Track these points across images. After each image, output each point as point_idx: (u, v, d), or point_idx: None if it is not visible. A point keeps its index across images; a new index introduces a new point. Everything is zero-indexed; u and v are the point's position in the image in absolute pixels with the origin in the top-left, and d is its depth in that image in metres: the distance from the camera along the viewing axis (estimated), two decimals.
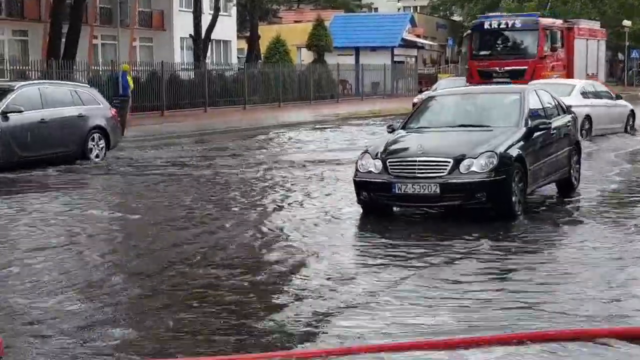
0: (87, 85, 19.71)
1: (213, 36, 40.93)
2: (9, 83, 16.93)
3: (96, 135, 16.77)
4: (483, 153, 9.60)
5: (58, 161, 15.79)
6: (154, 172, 15.39)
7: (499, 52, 28.85)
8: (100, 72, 31.14)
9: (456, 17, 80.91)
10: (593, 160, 15.85)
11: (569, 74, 29.09)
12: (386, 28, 57.91)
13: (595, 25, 36.74)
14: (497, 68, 27.67)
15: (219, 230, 9.53)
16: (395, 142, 10.57)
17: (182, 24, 43.64)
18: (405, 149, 10.24)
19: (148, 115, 29.61)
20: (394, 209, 10.43)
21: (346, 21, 59.51)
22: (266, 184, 13.54)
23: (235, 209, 11.12)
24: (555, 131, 11.16)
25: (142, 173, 15.37)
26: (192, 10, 39.59)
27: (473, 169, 9.52)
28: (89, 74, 30.37)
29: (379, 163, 9.96)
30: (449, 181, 9.52)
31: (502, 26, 28.92)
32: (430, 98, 12.04)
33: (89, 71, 30.99)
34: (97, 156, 16.71)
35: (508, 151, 9.82)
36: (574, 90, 19.79)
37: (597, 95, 20.95)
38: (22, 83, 16.83)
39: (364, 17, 67.79)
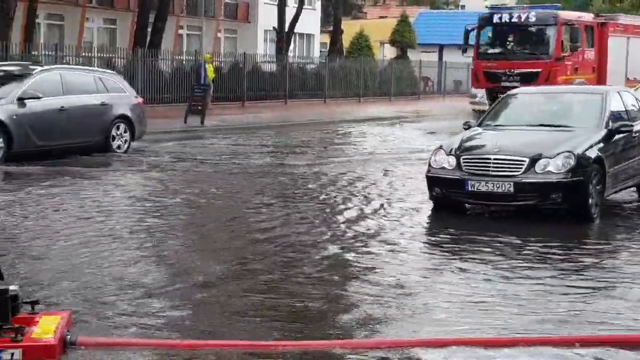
0: (112, 71, 18.75)
1: (296, 29, 41.13)
2: (29, 67, 15.84)
3: (121, 125, 15.85)
4: (560, 153, 9.41)
5: (78, 152, 14.94)
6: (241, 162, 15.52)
7: (510, 51, 24.09)
8: (184, 62, 31.58)
9: None
10: None
11: (600, 78, 24.65)
12: None
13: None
14: (507, 70, 23.19)
15: (302, 217, 9.59)
16: (470, 139, 10.44)
17: (266, 17, 44.01)
18: (481, 147, 10.10)
19: (229, 106, 29.95)
20: (467, 206, 10.29)
21: (431, 18, 59.04)
22: (348, 177, 13.54)
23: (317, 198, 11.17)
24: (637, 134, 10.84)
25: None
26: (276, 3, 39.87)
27: (549, 169, 9.34)
28: (172, 63, 30.84)
29: (452, 159, 9.86)
30: (524, 180, 9.35)
31: (514, 20, 23.74)
32: (509, 96, 11.83)
33: (173, 60, 31.47)
34: (119, 147, 15.78)
35: (586, 152, 9.59)
36: None
37: None
38: (42, 68, 15.77)
39: (450, 14, 67.11)
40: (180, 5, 41.99)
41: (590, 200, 9.48)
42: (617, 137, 10.31)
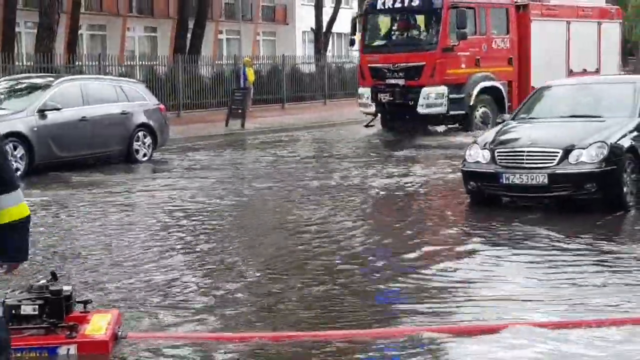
0: (133, 80, 18.58)
1: (334, 29, 41.37)
2: (49, 78, 15.86)
3: (140, 134, 15.80)
4: (593, 143, 9.51)
5: (100, 161, 15.11)
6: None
7: (394, 42, 20.24)
8: (224, 67, 32.00)
9: None
10: None
11: (522, 71, 20.54)
12: None
13: (594, 1, 24.24)
14: (390, 64, 19.45)
15: (354, 206, 9.85)
16: (504, 132, 10.61)
17: (304, 18, 44.35)
18: (514, 139, 10.26)
19: (269, 108, 30.27)
20: (503, 199, 10.45)
21: None
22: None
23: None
24: None
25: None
26: (313, 4, 40.16)
27: (582, 159, 9.45)
28: (213, 68, 31.28)
29: (487, 153, 10.03)
30: (558, 171, 9.48)
31: (397, 5, 19.68)
32: (542, 89, 11.95)
33: (213, 65, 31.91)
34: (144, 155, 15.81)
35: (620, 142, 9.68)
36: None
37: None
38: (62, 79, 15.72)
39: None
40: (219, 10, 42.54)
41: (624, 189, 9.58)
42: None
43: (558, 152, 9.54)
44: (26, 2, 32.91)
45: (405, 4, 19.52)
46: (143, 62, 30.43)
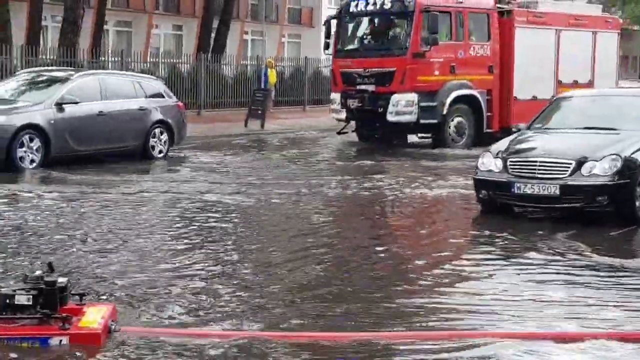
0: (152, 77, 18.58)
1: None
2: (69, 72, 15.94)
3: (157, 130, 15.81)
4: (607, 156, 9.44)
5: (116, 156, 15.06)
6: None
7: (366, 46, 19.39)
8: (247, 67, 32.07)
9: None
10: None
11: (503, 80, 19.44)
12: None
13: (589, 10, 23.23)
14: (362, 70, 18.67)
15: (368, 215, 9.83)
16: (518, 141, 10.56)
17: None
18: (527, 149, 10.21)
19: (291, 110, 30.31)
20: (515, 208, 10.37)
21: None
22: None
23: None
24: None
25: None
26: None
27: (595, 171, 9.38)
28: (236, 68, 31.36)
29: (499, 162, 9.98)
30: (570, 183, 9.42)
31: (369, 8, 18.82)
32: (559, 99, 11.87)
33: (238, 65, 31.98)
34: (160, 152, 15.85)
35: (634, 155, 9.57)
36: None
37: None
38: (81, 73, 15.79)
39: None
40: (246, 11, 42.69)
41: (637, 203, 9.47)
42: None
43: (571, 164, 9.47)
44: None
45: (378, 7, 18.67)
46: (167, 60, 30.54)
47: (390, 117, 17.99)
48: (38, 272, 5.34)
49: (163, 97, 16.41)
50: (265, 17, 27.41)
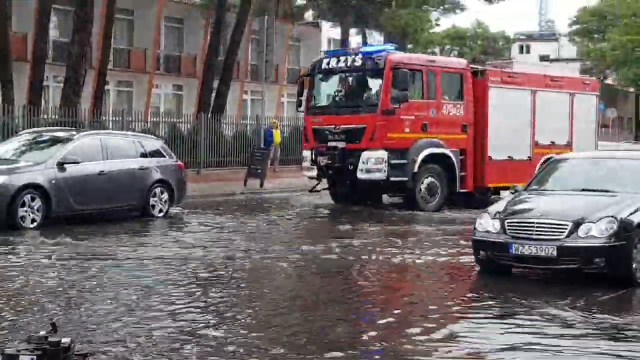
0: (153, 136, 18.80)
1: None
2: (71, 132, 16.18)
3: (158, 190, 15.97)
4: (603, 218, 9.54)
5: (116, 216, 15.24)
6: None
7: (337, 103, 19.16)
8: (247, 126, 32.39)
9: (609, 81, 79.16)
10: None
11: (478, 138, 19.31)
12: None
13: (566, 72, 23.67)
14: (332, 126, 18.48)
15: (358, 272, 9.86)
16: (515, 203, 10.67)
17: None
18: (525, 210, 10.30)
19: (291, 169, 30.49)
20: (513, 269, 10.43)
21: None
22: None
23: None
24: None
25: None
26: None
27: (592, 233, 9.47)
28: (236, 127, 31.67)
29: (497, 223, 10.08)
30: (567, 244, 9.51)
31: (340, 65, 18.81)
32: (555, 161, 12.03)
33: (238, 125, 32.31)
34: (160, 211, 15.97)
35: (630, 217, 9.67)
36: None
37: None
38: (83, 133, 16.01)
39: None
40: (245, 71, 43.23)
41: (634, 265, 9.55)
42: None
43: (568, 225, 9.57)
44: (54, 56, 33.63)
45: (349, 65, 18.61)
46: (167, 119, 30.87)
47: (360, 175, 17.77)
48: (42, 333, 5.38)
49: (163, 156, 16.59)
50: (264, 77, 27.70)
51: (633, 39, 65.41)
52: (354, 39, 45.75)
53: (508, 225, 9.96)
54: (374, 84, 18.43)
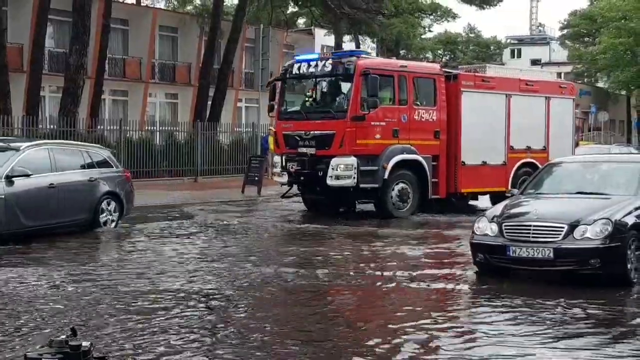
0: (99, 146, 17.41)
1: None
2: (16, 143, 14.52)
3: (107, 202, 15.02)
4: (598, 220, 9.77)
5: (64, 231, 14.06)
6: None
7: (307, 109, 18.63)
8: (243, 134, 32.60)
9: (601, 84, 79.57)
10: None
11: (452, 144, 19.05)
12: None
13: (541, 76, 23.71)
14: (303, 132, 18.18)
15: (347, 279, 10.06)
16: (512, 206, 10.91)
17: None
18: (521, 214, 10.54)
19: None
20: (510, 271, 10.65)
21: None
22: None
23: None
24: None
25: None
26: None
27: (587, 235, 9.71)
28: (232, 135, 31.88)
29: (494, 226, 10.31)
30: (563, 246, 9.73)
31: (311, 70, 18.43)
32: (551, 165, 12.30)
33: (232, 132, 32.52)
34: (111, 223, 15.07)
35: (624, 219, 9.93)
36: None
37: None
38: (30, 143, 14.48)
39: None
40: (240, 79, 43.47)
41: (629, 266, 9.80)
42: None
43: (564, 227, 9.81)
44: (50, 66, 33.82)
45: (320, 70, 18.19)
46: (163, 128, 31.06)
47: (330, 181, 17.42)
48: (62, 337, 5.59)
49: (111, 166, 15.67)
50: (260, 85, 27.92)
51: (624, 42, 65.88)
52: (348, 46, 45.93)
53: (505, 228, 10.20)
54: (344, 90, 18.15)
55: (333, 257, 12.28)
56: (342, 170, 17.28)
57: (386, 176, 17.58)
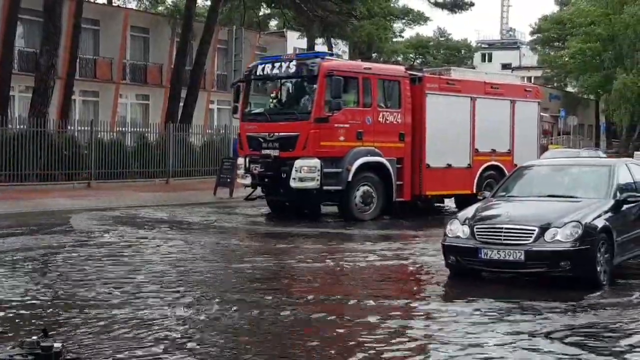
0: None
1: None
2: None
3: None
4: (568, 223, 9.86)
5: None
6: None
7: (271, 110, 18.65)
8: (214, 136, 32.50)
9: (570, 89, 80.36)
10: None
11: (416, 146, 18.93)
12: None
13: (507, 79, 23.96)
14: (266, 134, 18.03)
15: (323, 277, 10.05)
16: (483, 209, 10.97)
17: None
18: (493, 216, 10.60)
19: None
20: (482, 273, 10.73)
21: None
22: None
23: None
24: None
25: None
26: None
27: (558, 237, 9.78)
28: (203, 137, 31.78)
29: (466, 229, 10.37)
30: (534, 249, 9.80)
31: (275, 72, 18.31)
32: (522, 168, 12.40)
33: (204, 134, 32.42)
34: None
35: (594, 222, 10.03)
36: None
37: None
38: None
39: None
40: (212, 81, 43.35)
41: (598, 268, 9.90)
42: (625, 207, 10.79)
43: (534, 230, 9.88)
44: (21, 66, 33.52)
45: (283, 71, 18.05)
46: (135, 129, 30.90)
47: (293, 184, 17.33)
48: (34, 338, 5.55)
49: None
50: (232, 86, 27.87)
51: (591, 47, 66.65)
52: (320, 49, 45.98)
53: (477, 231, 10.25)
54: (308, 91, 17.93)
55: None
56: (305, 172, 17.22)
57: (350, 178, 17.48)
